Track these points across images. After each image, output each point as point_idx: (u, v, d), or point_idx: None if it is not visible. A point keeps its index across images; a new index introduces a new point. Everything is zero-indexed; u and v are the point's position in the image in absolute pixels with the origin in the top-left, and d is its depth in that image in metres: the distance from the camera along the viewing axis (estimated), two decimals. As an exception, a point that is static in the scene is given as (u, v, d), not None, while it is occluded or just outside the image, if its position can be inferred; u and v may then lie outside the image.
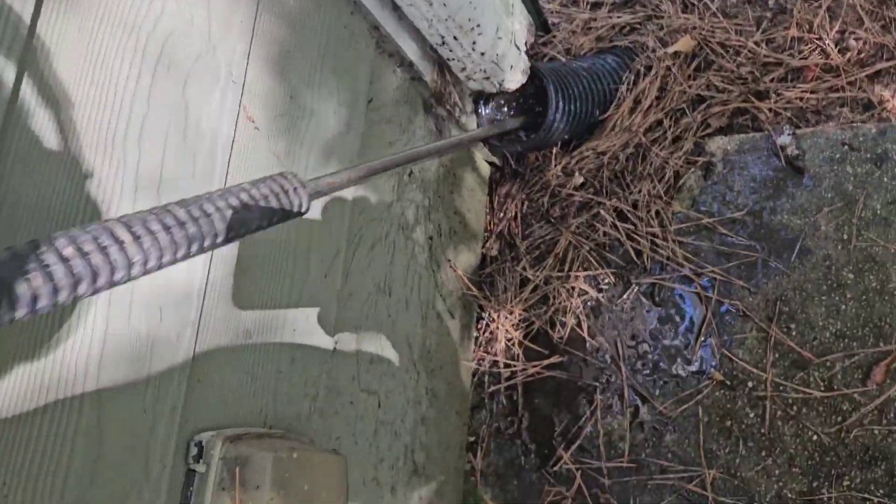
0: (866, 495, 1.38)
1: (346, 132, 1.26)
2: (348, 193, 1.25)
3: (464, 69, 1.50)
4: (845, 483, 1.40)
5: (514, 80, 1.54)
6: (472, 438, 1.75)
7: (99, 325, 0.79)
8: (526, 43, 1.55)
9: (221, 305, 0.97)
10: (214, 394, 0.96)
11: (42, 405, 0.73)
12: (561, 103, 1.62)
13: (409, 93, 1.48)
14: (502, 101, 1.71)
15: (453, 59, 1.46)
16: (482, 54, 1.43)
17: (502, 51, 1.43)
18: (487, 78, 1.53)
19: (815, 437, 1.44)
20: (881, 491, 1.38)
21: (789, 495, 1.44)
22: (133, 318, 0.83)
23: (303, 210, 0.79)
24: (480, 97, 1.70)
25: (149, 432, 0.85)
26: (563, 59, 1.87)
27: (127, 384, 0.82)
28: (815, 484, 1.42)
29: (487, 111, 1.70)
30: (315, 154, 1.17)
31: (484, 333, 1.79)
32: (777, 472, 1.46)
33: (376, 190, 1.35)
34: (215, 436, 0.93)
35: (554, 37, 1.93)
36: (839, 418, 1.43)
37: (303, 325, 1.13)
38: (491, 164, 1.87)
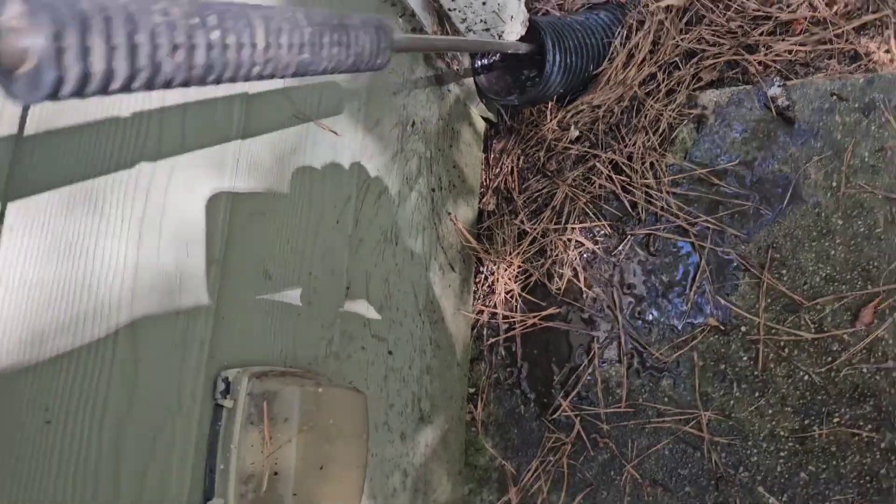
0: (855, 430, 1.44)
1: (353, 78, 1.25)
2: (356, 140, 1.25)
3: (464, 20, 1.50)
4: (835, 420, 1.46)
5: (514, 31, 1.54)
6: (472, 390, 1.78)
7: (130, 255, 0.79)
8: (524, -6, 1.55)
9: (243, 245, 0.97)
10: (238, 332, 0.96)
11: (80, 334, 0.73)
12: (558, 56, 1.63)
13: (409, 43, 1.48)
14: (499, 55, 1.71)
15: (454, 10, 1.46)
16: (484, 3, 1.43)
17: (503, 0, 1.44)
18: (487, 29, 1.53)
19: (806, 378, 1.50)
20: (869, 426, 1.44)
21: (782, 433, 1.50)
22: (162, 252, 0.83)
23: (383, 64, 0.73)
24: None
25: (180, 366, 0.85)
26: (558, 14, 1.87)
27: (158, 317, 0.82)
28: (806, 422, 1.48)
29: (484, 63, 1.70)
30: (325, 100, 1.17)
31: (483, 287, 1.81)
32: (770, 411, 1.51)
33: (382, 139, 1.35)
34: (241, 372, 0.94)
35: (546, -8, 1.94)
36: (829, 359, 1.49)
37: (318, 269, 1.13)
38: (486, 119, 1.88)
